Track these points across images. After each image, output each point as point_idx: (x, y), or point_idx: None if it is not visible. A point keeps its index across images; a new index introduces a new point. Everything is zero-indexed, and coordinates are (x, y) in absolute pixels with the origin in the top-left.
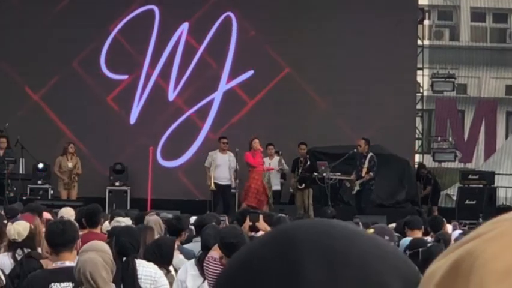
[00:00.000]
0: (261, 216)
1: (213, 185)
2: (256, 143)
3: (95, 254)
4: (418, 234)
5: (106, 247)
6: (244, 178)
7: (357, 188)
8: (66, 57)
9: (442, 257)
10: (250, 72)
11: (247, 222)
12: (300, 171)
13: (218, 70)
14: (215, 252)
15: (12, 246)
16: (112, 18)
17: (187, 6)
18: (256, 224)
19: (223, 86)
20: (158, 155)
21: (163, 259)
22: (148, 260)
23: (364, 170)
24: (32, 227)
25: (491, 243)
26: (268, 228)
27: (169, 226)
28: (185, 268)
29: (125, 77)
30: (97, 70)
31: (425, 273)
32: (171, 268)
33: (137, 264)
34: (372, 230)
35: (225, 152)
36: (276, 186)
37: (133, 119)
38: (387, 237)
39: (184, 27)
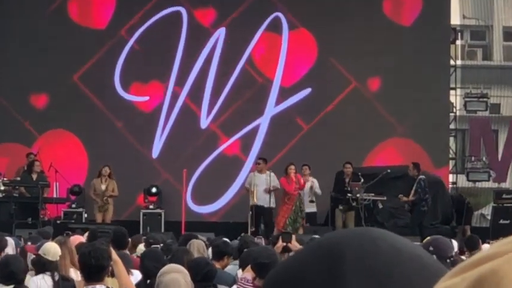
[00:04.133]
0: (293, 237)
1: (255, 199)
2: (291, 169)
3: (178, 275)
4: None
5: (184, 269)
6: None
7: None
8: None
9: (454, 275)
10: (308, 91)
11: (280, 243)
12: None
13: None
14: (248, 274)
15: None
16: (129, 25)
17: (224, 4)
18: (289, 244)
19: (271, 108)
20: (188, 199)
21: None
22: None
23: (412, 193)
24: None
25: None
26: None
27: (215, 249)
28: None
29: (147, 98)
30: (112, 88)
31: None
32: None
33: None
34: (428, 238)
35: (263, 172)
36: (312, 208)
37: (155, 153)
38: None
39: (221, 32)
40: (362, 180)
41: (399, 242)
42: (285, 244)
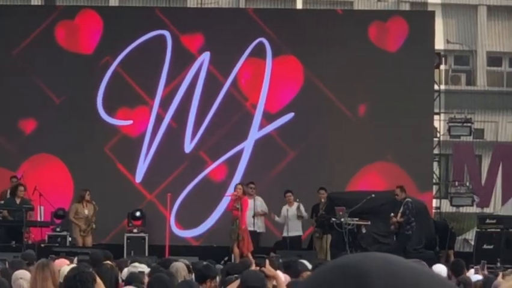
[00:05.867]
0: (267, 261)
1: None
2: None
3: None
4: None
5: None
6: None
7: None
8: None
9: None
10: (290, 115)
11: (254, 267)
12: (318, 216)
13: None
14: None
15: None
16: (111, 47)
17: (209, 34)
18: (263, 268)
19: (255, 132)
20: (172, 224)
21: None
22: None
23: (398, 215)
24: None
25: None
26: (277, 272)
27: (197, 273)
28: None
29: (131, 122)
30: (98, 113)
31: None
32: None
33: None
34: None
35: (251, 197)
36: (297, 232)
37: (139, 177)
38: None
39: (205, 56)
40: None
41: (409, 262)
42: (258, 268)
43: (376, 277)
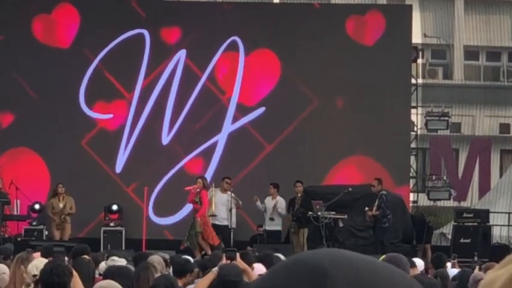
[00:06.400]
0: (237, 254)
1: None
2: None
3: None
4: (416, 271)
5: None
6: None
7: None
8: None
9: (500, 267)
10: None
11: (224, 261)
12: (295, 209)
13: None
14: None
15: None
16: (89, 40)
17: (185, 28)
18: (234, 262)
19: (228, 125)
20: (150, 212)
21: None
22: None
23: (374, 209)
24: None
25: None
26: (246, 266)
27: (175, 266)
28: None
29: (110, 116)
30: (75, 107)
31: (482, 282)
32: None
33: None
34: (383, 257)
35: (225, 192)
36: (275, 227)
37: (118, 168)
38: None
39: (182, 53)
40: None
41: (367, 256)
42: (229, 262)
43: (335, 273)
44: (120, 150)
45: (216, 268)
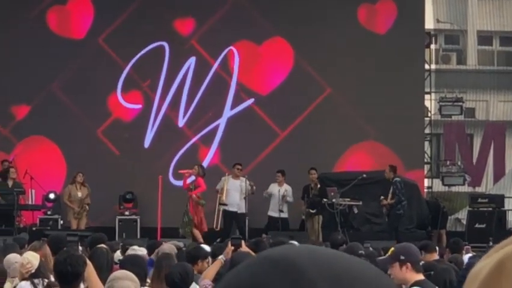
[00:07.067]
0: (243, 242)
1: (220, 205)
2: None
3: (131, 284)
4: (435, 256)
5: (136, 278)
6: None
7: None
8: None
9: (486, 257)
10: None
11: (230, 248)
12: (310, 196)
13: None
14: (206, 280)
15: (28, 275)
16: (103, 31)
17: (199, 19)
18: (240, 249)
19: (228, 112)
20: (170, 176)
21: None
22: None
23: (389, 197)
24: (41, 257)
25: None
26: (252, 253)
27: (187, 254)
28: None
29: (139, 106)
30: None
31: (470, 272)
32: None
33: None
34: (392, 249)
35: (237, 178)
36: (283, 214)
37: (147, 143)
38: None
39: (192, 61)
40: (319, 186)
41: (342, 253)
42: (233, 248)
43: (311, 269)
44: (148, 129)
45: (222, 256)
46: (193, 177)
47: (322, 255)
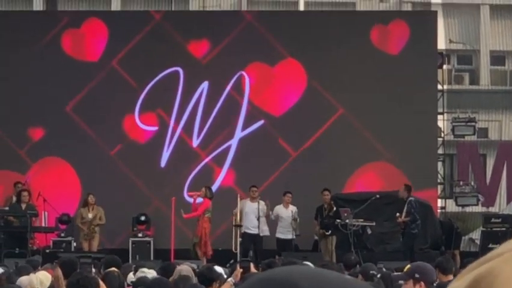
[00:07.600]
0: (251, 264)
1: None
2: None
3: None
4: (450, 278)
5: None
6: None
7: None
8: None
9: (461, 276)
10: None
11: (239, 270)
12: (324, 217)
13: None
14: None
15: None
16: (117, 54)
17: (214, 35)
18: (248, 272)
19: (239, 133)
20: (184, 196)
21: None
22: None
23: (403, 215)
24: (53, 278)
25: (510, 263)
26: None
27: (200, 276)
28: None
29: (155, 128)
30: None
31: None
32: None
33: None
34: (408, 266)
35: (254, 200)
36: (289, 235)
37: (163, 163)
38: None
39: (205, 85)
40: (335, 208)
41: (339, 274)
42: (242, 271)
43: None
44: (164, 149)
45: (231, 279)
46: (200, 199)
47: (325, 278)
